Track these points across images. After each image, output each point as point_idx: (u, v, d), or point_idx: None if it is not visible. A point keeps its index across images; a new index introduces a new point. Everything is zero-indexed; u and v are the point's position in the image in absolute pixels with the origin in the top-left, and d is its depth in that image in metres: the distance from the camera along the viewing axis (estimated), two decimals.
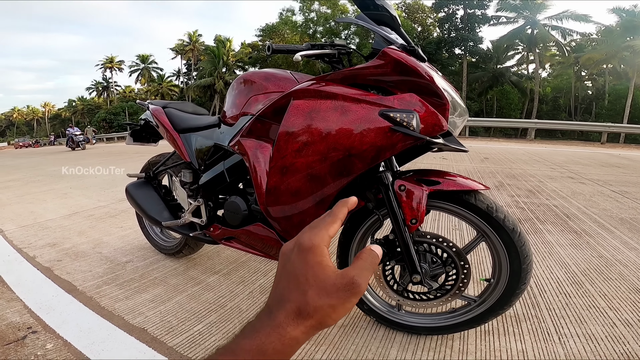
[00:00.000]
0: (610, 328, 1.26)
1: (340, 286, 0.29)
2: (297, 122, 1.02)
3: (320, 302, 0.29)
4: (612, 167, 5.97)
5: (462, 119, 1.06)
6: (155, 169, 1.84)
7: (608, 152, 9.26)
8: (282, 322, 0.28)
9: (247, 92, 1.29)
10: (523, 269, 1.02)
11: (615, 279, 1.67)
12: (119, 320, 1.35)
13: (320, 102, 0.99)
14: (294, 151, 1.02)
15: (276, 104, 1.10)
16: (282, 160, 1.05)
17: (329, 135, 0.97)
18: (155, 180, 1.87)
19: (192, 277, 1.72)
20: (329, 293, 0.29)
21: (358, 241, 1.22)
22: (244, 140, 1.21)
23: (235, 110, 1.33)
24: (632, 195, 3.65)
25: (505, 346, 1.18)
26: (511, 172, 5.14)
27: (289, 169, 1.04)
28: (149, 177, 1.85)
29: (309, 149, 1.00)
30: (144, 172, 1.90)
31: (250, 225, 1.30)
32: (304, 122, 1.00)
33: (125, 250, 2.12)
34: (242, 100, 1.30)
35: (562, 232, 2.40)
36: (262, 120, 1.16)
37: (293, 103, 1.04)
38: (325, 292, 0.29)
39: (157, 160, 1.86)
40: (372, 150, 0.94)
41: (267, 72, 1.28)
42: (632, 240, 2.22)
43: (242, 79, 1.34)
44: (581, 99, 27.61)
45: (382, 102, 0.94)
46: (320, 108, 0.99)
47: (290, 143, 1.03)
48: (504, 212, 1.02)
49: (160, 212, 1.68)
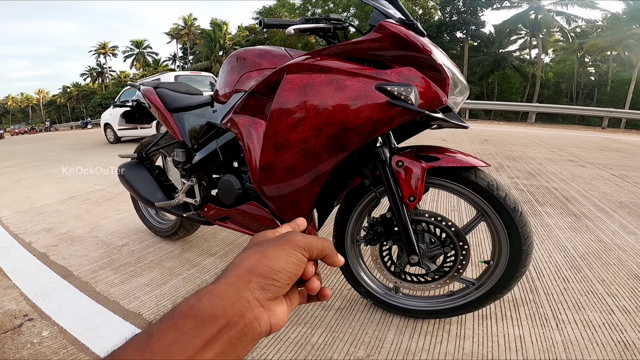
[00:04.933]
0: (608, 315, 1.25)
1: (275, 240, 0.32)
2: (290, 97, 0.98)
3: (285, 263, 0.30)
4: (612, 151, 5.94)
5: (463, 96, 1.03)
6: (147, 149, 1.82)
7: (609, 136, 9.22)
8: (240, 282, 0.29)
9: (240, 69, 1.26)
10: (524, 250, 0.99)
11: (613, 264, 1.66)
12: (114, 305, 1.34)
13: (315, 76, 0.96)
14: (288, 126, 0.99)
15: (269, 79, 1.07)
16: (276, 136, 1.02)
17: (324, 109, 0.94)
18: (148, 161, 1.86)
19: (188, 260, 1.71)
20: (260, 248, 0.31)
21: (355, 220, 1.20)
22: (236, 117, 1.18)
23: (228, 88, 1.30)
24: (632, 179, 3.64)
25: (503, 331, 1.17)
26: (511, 154, 5.13)
27: (283, 145, 1.01)
28: (142, 157, 1.84)
29: (303, 123, 0.97)
30: (137, 152, 1.88)
31: (244, 205, 1.28)
32: (297, 97, 0.97)
33: (121, 233, 2.10)
34: (235, 78, 1.26)
35: (561, 215, 2.39)
36: (255, 96, 1.13)
37: (286, 78, 1.00)
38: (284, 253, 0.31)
39: (149, 141, 1.85)
40: (369, 125, 0.91)
41: (261, 49, 1.25)
42: (632, 225, 2.21)
43: (234, 56, 1.31)
44: (583, 85, 27.37)
45: (380, 75, 0.91)
46: (314, 82, 0.96)
47: (283, 118, 1.00)
48: (505, 190, 0.99)
49: (153, 192, 1.66)
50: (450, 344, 1.11)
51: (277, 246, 0.31)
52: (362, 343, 1.12)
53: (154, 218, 2.03)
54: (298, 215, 1.12)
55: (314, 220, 1.27)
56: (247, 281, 0.28)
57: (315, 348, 1.10)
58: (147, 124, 1.91)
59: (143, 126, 6.00)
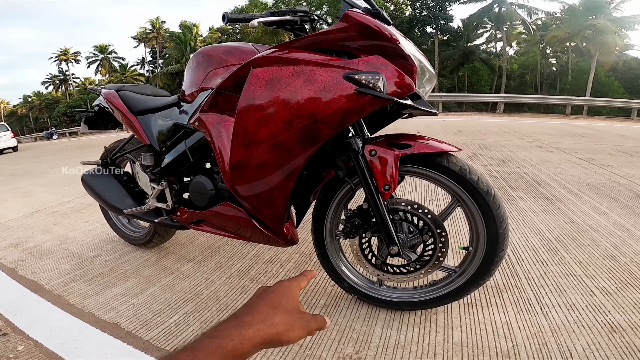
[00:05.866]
0: (590, 297, 1.28)
1: (302, 315, 0.37)
2: (257, 91, 0.96)
3: (285, 319, 0.35)
4: (577, 136, 6.25)
5: (431, 84, 1.04)
6: (112, 155, 1.76)
7: (573, 123, 9.75)
8: (246, 324, 0.33)
9: (206, 66, 1.22)
10: (500, 234, 1.00)
11: (588, 245, 1.72)
12: (90, 317, 1.29)
13: (282, 69, 0.94)
14: (257, 121, 0.97)
15: (236, 75, 1.04)
16: (245, 132, 0.99)
17: (293, 102, 0.92)
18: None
19: (166, 267, 1.65)
20: (293, 316, 0.36)
21: (332, 213, 1.18)
22: (204, 116, 1.14)
23: (194, 87, 1.26)
24: (598, 162, 3.83)
25: (490, 318, 1.18)
26: (483, 143, 5.31)
27: (253, 141, 0.99)
28: (107, 163, 1.77)
29: (272, 118, 0.95)
30: (101, 159, 1.81)
31: (218, 206, 1.24)
32: (265, 91, 0.95)
33: (93, 244, 2.01)
34: (201, 76, 1.23)
35: (534, 199, 2.48)
36: (222, 93, 1.10)
37: (253, 72, 0.98)
38: (290, 314, 0.36)
39: (114, 146, 1.78)
40: (338, 115, 0.90)
41: (227, 45, 1.22)
42: (601, 205, 2.32)
43: (200, 53, 1.27)
44: (546, 75, 28.77)
45: (347, 65, 0.90)
46: (281, 75, 0.94)
47: (252, 113, 0.97)
48: (477, 174, 1.00)
49: (121, 199, 1.60)
50: (439, 335, 1.11)
51: (298, 329, 0.37)
52: (350, 339, 1.10)
53: (126, 226, 1.96)
54: (274, 213, 1.09)
55: (292, 217, 1.24)
56: (257, 345, 0.34)
57: (303, 348, 1.07)
58: (112, 129, 1.85)
59: None
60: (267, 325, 0.34)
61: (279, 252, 1.74)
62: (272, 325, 0.34)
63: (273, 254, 1.72)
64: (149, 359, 1.06)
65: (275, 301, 0.37)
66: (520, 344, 1.05)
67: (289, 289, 0.41)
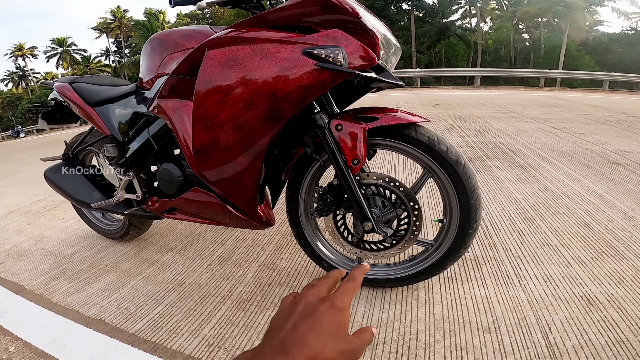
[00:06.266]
0: (566, 268, 1.31)
1: (349, 347, 0.33)
2: (214, 73, 0.93)
3: (336, 348, 0.32)
4: (550, 107, 6.42)
5: (396, 56, 1.03)
6: (73, 149, 1.70)
7: (546, 94, 10.00)
8: (297, 358, 0.30)
9: (162, 51, 1.18)
10: (472, 204, 1.01)
11: (563, 213, 1.76)
12: (74, 314, 1.28)
13: (238, 48, 0.91)
14: (216, 103, 0.94)
15: (190, 58, 1.00)
16: (205, 115, 0.96)
17: (251, 81, 0.90)
18: (77, 161, 1.74)
19: (146, 259, 1.62)
20: (342, 351, 0.33)
21: (306, 192, 1.17)
22: (162, 102, 1.11)
23: (151, 73, 1.23)
24: (570, 130, 3.96)
25: (470, 293, 1.20)
26: (460, 115, 5.40)
27: (214, 123, 0.96)
28: (68, 158, 1.72)
29: (230, 98, 0.92)
30: (63, 154, 1.76)
31: (187, 192, 1.22)
32: (221, 72, 0.92)
33: (70, 241, 1.95)
34: (157, 62, 1.19)
35: (509, 168, 2.54)
36: (179, 77, 1.06)
37: (208, 54, 0.94)
38: (340, 350, 0.32)
39: (75, 140, 1.73)
40: (299, 91, 0.88)
41: (184, 29, 1.17)
42: (574, 172, 2.40)
43: (154, 38, 1.22)
44: (520, 50, 29.28)
45: (305, 40, 0.88)
46: (238, 55, 0.91)
47: (210, 96, 0.94)
48: (446, 144, 1.00)
49: (88, 193, 1.56)
50: (420, 311, 1.12)
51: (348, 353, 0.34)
52: None
53: (101, 221, 1.91)
54: (245, 196, 1.07)
55: (268, 199, 1.23)
56: None
57: None
58: (73, 123, 1.79)
59: None
60: None
61: (259, 235, 1.73)
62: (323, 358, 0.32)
63: (254, 237, 1.71)
64: (136, 352, 1.05)
65: (324, 332, 0.33)
66: (500, 318, 1.07)
67: (342, 313, 0.35)
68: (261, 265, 1.46)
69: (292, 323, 0.33)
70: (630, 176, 2.30)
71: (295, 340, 0.31)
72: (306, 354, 0.31)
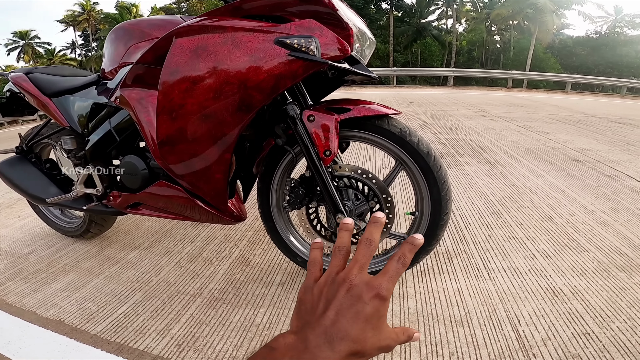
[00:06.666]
0: (531, 260, 1.36)
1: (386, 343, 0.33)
2: (181, 61, 0.89)
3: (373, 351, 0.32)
4: (517, 106, 6.73)
5: (370, 49, 1.03)
6: (28, 141, 1.60)
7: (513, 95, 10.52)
8: (342, 352, 0.30)
9: (127, 40, 1.13)
10: (442, 196, 1.03)
11: (527, 207, 1.84)
12: (31, 315, 1.20)
13: (207, 37, 0.88)
14: (182, 92, 0.90)
15: (156, 47, 0.95)
16: (170, 104, 0.92)
17: (220, 70, 0.87)
18: (32, 154, 1.63)
19: (109, 257, 1.54)
20: (380, 347, 0.33)
21: (277, 185, 1.15)
22: (125, 92, 1.05)
23: (114, 63, 1.17)
24: (535, 129, 4.15)
25: (442, 286, 1.22)
26: (434, 113, 5.59)
27: (180, 113, 0.92)
28: (22, 151, 1.61)
29: (198, 87, 0.89)
30: (17, 147, 1.65)
31: (152, 186, 1.16)
32: (189, 61, 0.89)
33: (26, 240, 1.82)
34: (121, 51, 1.14)
35: (478, 164, 2.63)
36: (143, 66, 1.01)
37: (176, 42, 0.90)
38: (379, 345, 0.32)
39: (30, 133, 1.63)
40: (271, 80, 0.87)
41: (153, 18, 1.13)
42: (538, 168, 2.51)
43: (120, 27, 1.17)
44: (491, 52, 30.55)
45: (278, 30, 0.86)
46: (207, 43, 0.88)
47: (176, 85, 0.90)
48: (417, 136, 1.01)
49: (44, 188, 1.47)
50: (395, 305, 1.13)
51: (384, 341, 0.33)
52: None
53: (60, 218, 1.80)
54: (214, 189, 1.04)
55: (239, 192, 1.20)
56: None
57: (260, 328, 1.06)
58: (30, 115, 1.70)
59: None
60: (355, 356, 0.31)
61: (231, 230, 1.69)
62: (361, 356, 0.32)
63: (225, 233, 1.67)
64: (99, 353, 1.00)
65: (368, 325, 0.32)
66: (472, 311, 1.10)
67: (384, 304, 0.34)
68: (233, 262, 1.42)
69: (335, 310, 0.32)
70: (590, 172, 2.44)
71: (339, 330, 0.31)
72: (350, 347, 0.30)
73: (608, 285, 1.20)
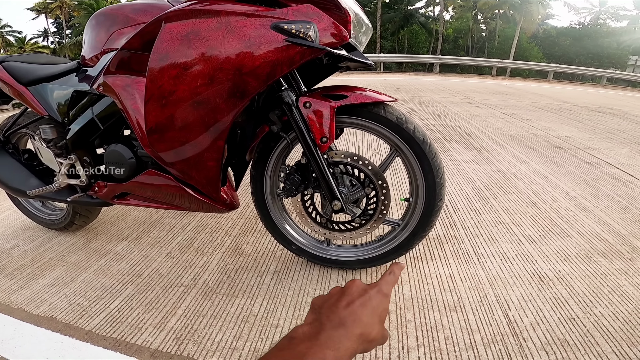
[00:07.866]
0: (518, 245, 1.40)
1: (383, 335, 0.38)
2: (171, 47, 0.86)
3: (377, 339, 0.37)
4: (501, 94, 6.85)
5: (367, 36, 1.02)
6: (4, 132, 1.52)
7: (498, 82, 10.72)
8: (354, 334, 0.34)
9: (109, 26, 1.07)
10: (437, 182, 1.04)
11: (513, 193, 1.89)
12: (21, 313, 1.16)
13: (200, 21, 0.85)
14: (172, 78, 0.87)
15: (143, 32, 0.91)
16: (160, 90, 0.89)
17: (213, 55, 0.84)
18: (9, 145, 1.56)
19: (96, 250, 1.50)
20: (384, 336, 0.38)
21: (272, 172, 1.14)
22: (109, 79, 1.00)
23: (96, 50, 1.11)
24: (518, 116, 4.23)
25: (435, 272, 1.24)
26: (421, 99, 5.65)
27: (170, 100, 0.89)
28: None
29: (190, 73, 0.86)
30: None
31: (140, 175, 1.13)
32: (180, 46, 0.85)
33: (7, 234, 1.75)
34: (103, 37, 1.08)
35: (465, 150, 2.68)
36: (129, 53, 0.96)
37: (165, 27, 0.86)
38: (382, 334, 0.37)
39: (6, 123, 1.55)
40: (267, 66, 0.84)
41: (137, 3, 1.06)
42: (522, 155, 2.58)
43: (101, 13, 1.11)
44: (476, 40, 30.85)
45: (275, 14, 0.84)
46: (199, 28, 0.84)
47: (166, 70, 0.87)
48: (413, 123, 1.02)
49: (23, 180, 1.42)
50: None
51: None
52: (305, 304, 1.11)
53: (41, 210, 1.73)
54: (206, 177, 1.01)
55: (231, 180, 1.18)
56: None
57: (258, 318, 1.06)
58: (4, 105, 1.62)
59: None
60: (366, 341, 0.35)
61: (222, 219, 1.67)
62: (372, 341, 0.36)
63: (217, 221, 1.65)
64: (96, 349, 0.98)
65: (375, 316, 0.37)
66: (464, 296, 1.13)
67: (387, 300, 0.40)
68: (226, 251, 1.41)
69: (347, 301, 0.37)
70: (571, 159, 2.52)
71: (351, 314, 0.35)
72: (361, 328, 0.35)
73: (590, 271, 1.26)
